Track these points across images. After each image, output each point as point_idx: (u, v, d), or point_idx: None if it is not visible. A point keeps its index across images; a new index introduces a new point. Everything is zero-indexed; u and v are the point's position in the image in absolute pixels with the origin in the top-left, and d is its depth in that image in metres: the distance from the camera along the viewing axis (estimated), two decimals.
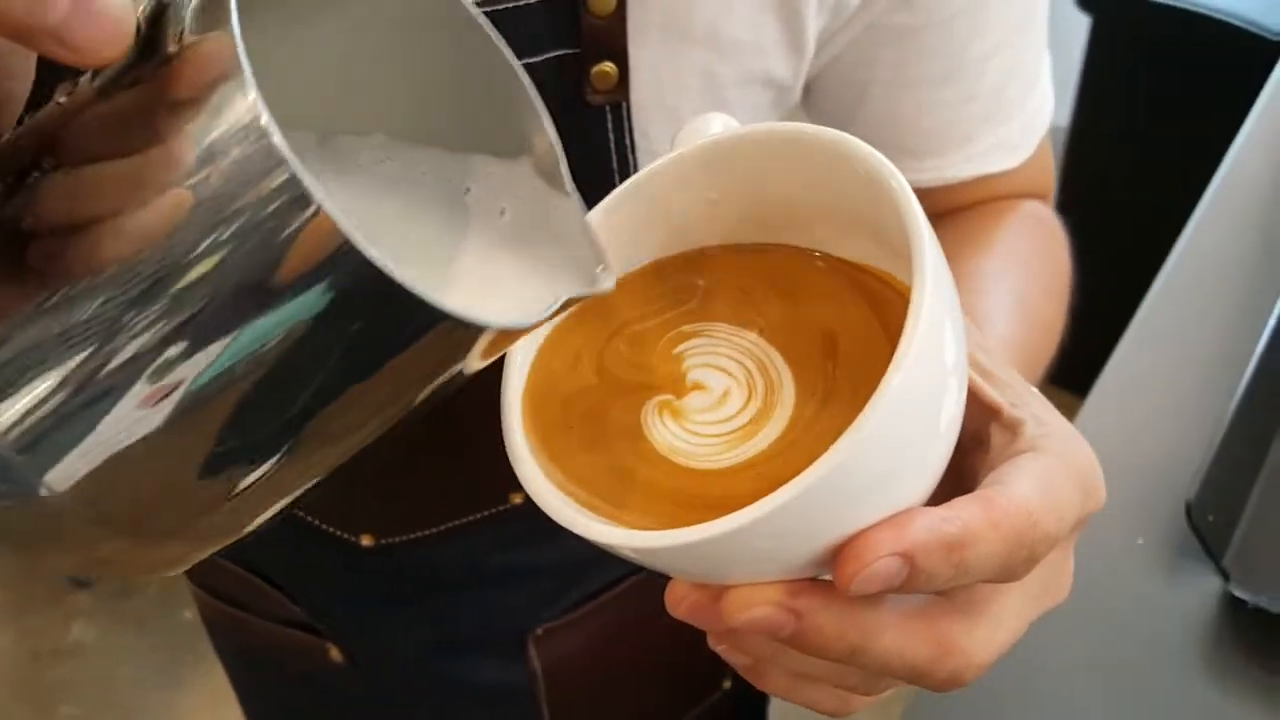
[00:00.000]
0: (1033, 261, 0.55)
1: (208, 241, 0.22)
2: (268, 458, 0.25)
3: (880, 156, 0.29)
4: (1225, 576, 0.66)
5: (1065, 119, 1.55)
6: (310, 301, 0.22)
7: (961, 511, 0.27)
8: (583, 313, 0.33)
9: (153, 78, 0.23)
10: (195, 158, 0.22)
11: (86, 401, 0.23)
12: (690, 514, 0.28)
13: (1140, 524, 0.70)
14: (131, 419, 0.23)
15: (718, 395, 0.31)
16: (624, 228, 0.34)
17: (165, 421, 0.23)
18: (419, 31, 0.29)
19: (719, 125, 0.34)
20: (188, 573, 0.74)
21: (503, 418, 0.31)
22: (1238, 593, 0.64)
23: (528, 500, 0.58)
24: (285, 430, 0.25)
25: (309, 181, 0.21)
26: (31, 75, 0.24)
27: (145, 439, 0.24)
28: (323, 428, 0.25)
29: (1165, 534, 0.69)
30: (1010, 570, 0.28)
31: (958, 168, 0.55)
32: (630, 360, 0.33)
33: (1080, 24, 1.48)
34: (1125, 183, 1.52)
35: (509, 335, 0.26)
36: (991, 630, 0.30)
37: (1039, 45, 0.56)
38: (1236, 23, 1.33)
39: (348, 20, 0.29)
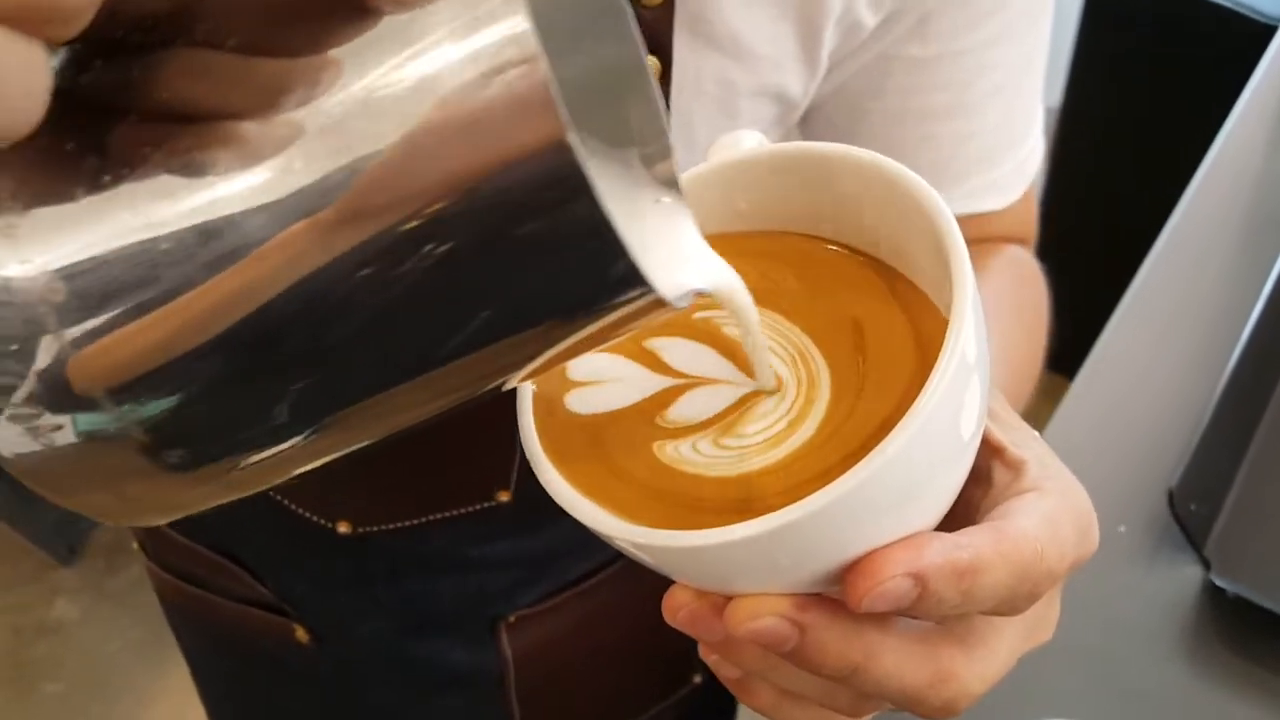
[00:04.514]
0: (1015, 305, 0.56)
1: (435, 159, 0.20)
2: (361, 399, 0.23)
3: (917, 176, 0.30)
4: (1206, 565, 0.65)
5: (1057, 100, 1.54)
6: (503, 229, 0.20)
7: (974, 539, 0.28)
8: None
9: None
10: (432, 36, 0.19)
11: (173, 321, 0.21)
12: (709, 517, 0.27)
13: (1123, 511, 0.70)
14: (232, 350, 0.21)
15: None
16: None
17: (260, 355, 0.21)
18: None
19: (753, 141, 0.33)
20: (145, 550, 0.73)
21: (517, 410, 0.31)
22: (1219, 581, 0.64)
23: (514, 498, 0.58)
24: (389, 374, 0.23)
25: (565, 115, 0.19)
26: None
27: (236, 371, 0.22)
28: (426, 379, 0.23)
29: (1148, 522, 0.69)
30: (1013, 603, 0.29)
31: (950, 204, 0.55)
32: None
33: (1073, 4, 1.47)
34: (1116, 164, 1.52)
35: (660, 313, 0.24)
36: (987, 662, 0.31)
37: (1036, 91, 0.56)
38: (1229, 5, 1.32)
39: None
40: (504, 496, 0.58)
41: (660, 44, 0.44)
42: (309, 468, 0.26)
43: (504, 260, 0.21)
